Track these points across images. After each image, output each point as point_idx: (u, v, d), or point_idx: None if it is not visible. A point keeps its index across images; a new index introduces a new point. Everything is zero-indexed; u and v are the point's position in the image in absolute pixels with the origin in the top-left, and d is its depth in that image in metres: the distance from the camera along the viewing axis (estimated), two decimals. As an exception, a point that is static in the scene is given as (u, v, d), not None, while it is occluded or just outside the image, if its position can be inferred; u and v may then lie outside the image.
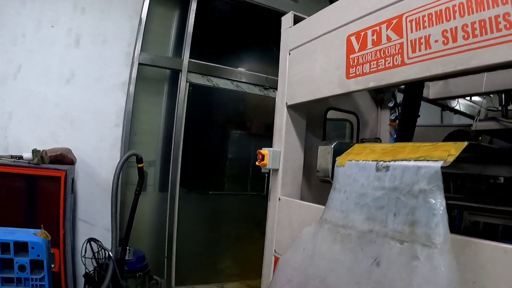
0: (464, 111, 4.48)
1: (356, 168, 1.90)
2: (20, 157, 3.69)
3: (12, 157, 3.73)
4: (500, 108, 3.34)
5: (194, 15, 5.46)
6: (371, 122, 3.96)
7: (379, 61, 2.14)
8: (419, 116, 3.00)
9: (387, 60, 2.09)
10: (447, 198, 1.48)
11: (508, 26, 1.55)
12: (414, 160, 1.62)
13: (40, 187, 3.61)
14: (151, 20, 5.21)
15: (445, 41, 1.79)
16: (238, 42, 6.16)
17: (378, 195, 1.73)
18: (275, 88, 3.74)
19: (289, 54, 3.09)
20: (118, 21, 4.94)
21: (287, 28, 3.16)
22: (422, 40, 1.91)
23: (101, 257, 4.07)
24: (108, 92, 4.81)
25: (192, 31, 5.46)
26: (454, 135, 3.56)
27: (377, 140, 3.12)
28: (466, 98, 4.22)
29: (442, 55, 1.80)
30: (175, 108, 5.35)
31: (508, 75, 3.03)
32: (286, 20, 3.22)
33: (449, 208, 2.70)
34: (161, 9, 5.48)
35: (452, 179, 3.28)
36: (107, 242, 4.01)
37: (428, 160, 1.57)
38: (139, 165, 3.97)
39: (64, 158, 3.92)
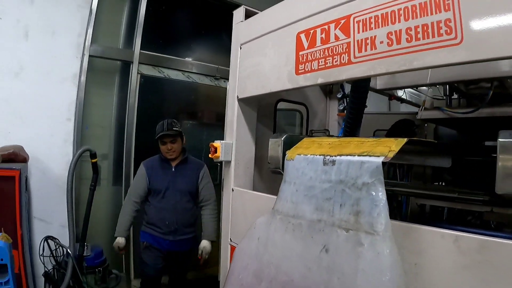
0: (410, 99, 4.70)
1: (305, 162, 2.03)
2: (-30, 158, 3.60)
3: (-38, 158, 3.62)
4: (444, 97, 3.64)
5: (145, 5, 5.43)
6: (320, 112, 4.13)
7: (327, 59, 2.25)
8: (366, 106, 3.20)
9: (335, 58, 2.19)
10: (393, 185, 1.61)
11: (448, 31, 1.68)
12: (358, 156, 1.76)
13: (-7, 188, 3.54)
14: (101, 10, 5.12)
15: (390, 43, 1.91)
16: (189, 32, 6.19)
17: (325, 187, 1.86)
18: (226, 78, 3.82)
19: (240, 48, 3.15)
20: (68, 12, 4.83)
21: (239, 23, 3.22)
22: (368, 41, 2.02)
23: (59, 255, 4.10)
24: (59, 86, 4.75)
25: (143, 21, 5.42)
26: (400, 124, 3.83)
27: (326, 131, 3.26)
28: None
29: (386, 55, 1.92)
30: (126, 100, 5.35)
31: (452, 68, 3.09)
32: (238, 15, 3.26)
33: (395, 194, 2.90)
34: (111, -2, 5.40)
35: (399, 166, 3.48)
36: (64, 239, 4.08)
37: (370, 156, 1.70)
38: (93, 160, 4.08)
39: (16, 157, 3.88)
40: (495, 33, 1.56)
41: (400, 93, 4.45)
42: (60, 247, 4.08)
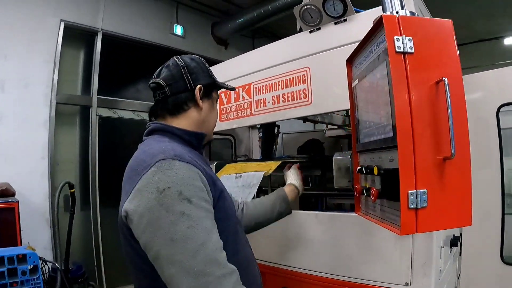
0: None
1: (225, 178, 3.14)
2: (-30, 196, 4.35)
3: (-37, 196, 4.37)
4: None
5: (99, 57, 6.37)
6: (245, 139, 5.07)
7: (238, 111, 3.37)
8: (277, 134, 4.35)
9: (243, 111, 3.32)
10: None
11: (304, 96, 2.81)
12: (253, 172, 2.94)
13: (-4, 218, 4.18)
14: (63, 62, 5.89)
15: (273, 103, 3.03)
16: (137, 76, 7.12)
17: (235, 190, 2.97)
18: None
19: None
20: (37, 66, 5.61)
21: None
22: (261, 101, 3.14)
23: (45, 272, 4.57)
24: (34, 129, 5.51)
25: (98, 70, 6.34)
26: (309, 143, 4.58)
27: (245, 156, 4.28)
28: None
29: (271, 111, 3.05)
30: (88, 137, 6.22)
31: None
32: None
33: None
34: (70, 51, 6.19)
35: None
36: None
37: (257, 172, 2.87)
38: (71, 190, 4.94)
39: (7, 191, 4.55)
40: (327, 98, 2.69)
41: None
42: (46, 265, 4.53)
